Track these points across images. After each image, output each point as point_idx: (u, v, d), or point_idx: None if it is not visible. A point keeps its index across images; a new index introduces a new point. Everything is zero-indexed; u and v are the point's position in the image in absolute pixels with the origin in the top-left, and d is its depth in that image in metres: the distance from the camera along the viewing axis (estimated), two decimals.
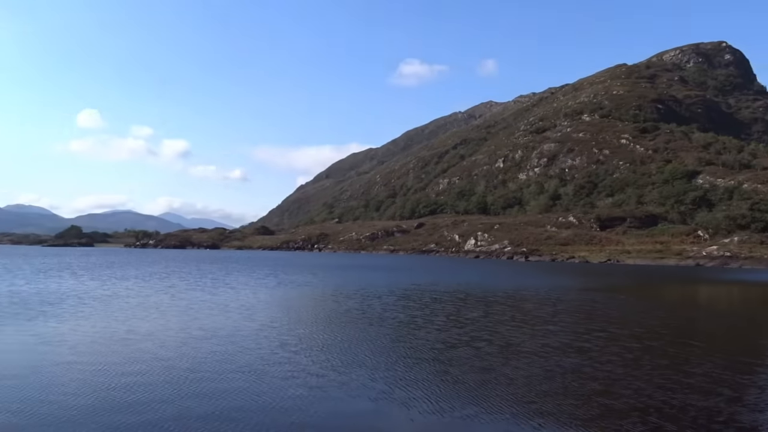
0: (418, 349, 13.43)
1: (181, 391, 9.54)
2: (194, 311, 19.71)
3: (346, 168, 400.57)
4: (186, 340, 14.02)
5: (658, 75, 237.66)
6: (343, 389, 9.81)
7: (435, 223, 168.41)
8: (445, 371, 11.15)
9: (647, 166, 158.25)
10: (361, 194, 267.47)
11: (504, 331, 16.38)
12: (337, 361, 11.96)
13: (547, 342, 14.65)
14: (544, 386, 10.15)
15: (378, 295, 26.66)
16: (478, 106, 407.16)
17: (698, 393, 9.88)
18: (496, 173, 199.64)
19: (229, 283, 32.88)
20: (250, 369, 11.07)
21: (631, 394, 9.68)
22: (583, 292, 31.97)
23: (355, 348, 13.38)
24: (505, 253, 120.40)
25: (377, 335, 15.21)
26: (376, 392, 9.62)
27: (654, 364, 12.21)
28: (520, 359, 12.41)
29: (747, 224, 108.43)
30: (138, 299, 23.14)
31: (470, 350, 13.33)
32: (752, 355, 13.81)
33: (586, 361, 12.38)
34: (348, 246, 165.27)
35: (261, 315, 18.97)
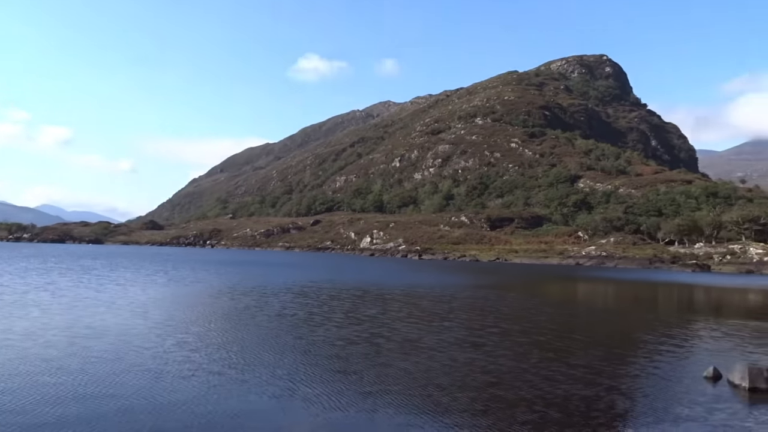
0: (318, 345, 13.47)
1: (70, 392, 9.04)
2: (79, 309, 18.59)
3: (242, 162, 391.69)
4: (73, 340, 13.23)
5: (546, 83, 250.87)
6: (244, 387, 9.69)
7: (331, 221, 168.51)
8: (345, 367, 11.27)
9: (534, 169, 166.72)
10: (256, 190, 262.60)
11: (402, 327, 16.75)
12: (236, 359, 11.77)
13: (444, 337, 15.15)
14: (441, 380, 10.52)
15: (275, 293, 26.39)
16: (376, 105, 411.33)
17: (581, 383, 10.63)
18: (392, 172, 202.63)
19: (116, 280, 31.26)
20: (144, 368, 10.66)
21: (521, 385, 10.25)
22: (475, 289, 33.22)
23: (254, 346, 13.22)
24: (399, 251, 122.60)
25: (276, 333, 15.09)
26: (278, 389, 9.58)
27: (541, 357, 12.98)
28: (419, 354, 12.77)
29: (621, 226, 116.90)
30: (13, 297, 21.50)
31: (370, 346, 13.55)
32: (626, 348, 14.98)
33: (481, 355, 12.94)
34: (242, 242, 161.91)
35: (153, 313, 18.22)
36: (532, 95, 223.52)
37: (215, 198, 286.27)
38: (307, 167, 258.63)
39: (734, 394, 10.27)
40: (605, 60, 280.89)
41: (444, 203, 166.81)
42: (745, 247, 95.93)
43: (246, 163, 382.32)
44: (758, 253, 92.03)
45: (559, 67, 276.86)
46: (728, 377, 11.10)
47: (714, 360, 12.80)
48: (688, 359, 13.29)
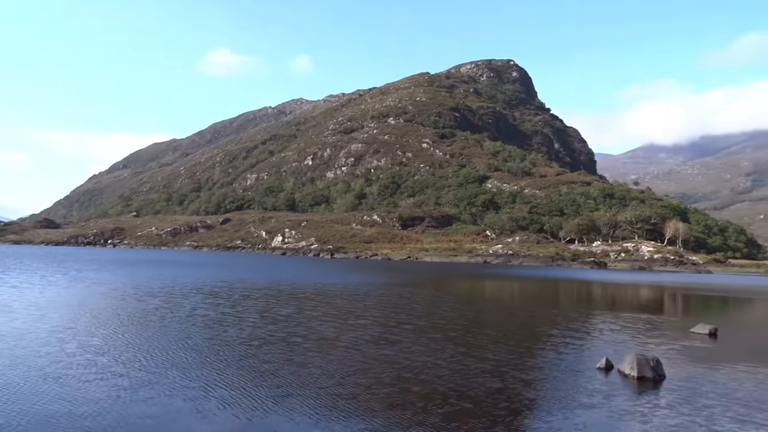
0: (232, 346, 13.22)
1: None
2: None
3: (147, 158, 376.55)
4: None
5: (456, 85, 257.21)
6: (156, 390, 9.36)
7: (242, 219, 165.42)
8: (262, 367, 11.14)
9: (445, 169, 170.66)
10: (162, 187, 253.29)
11: (318, 326, 16.71)
12: (146, 361, 11.35)
13: (360, 335, 15.26)
14: (359, 377, 10.61)
15: (185, 293, 25.63)
16: (288, 102, 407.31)
17: (491, 375, 11.06)
18: (305, 171, 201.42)
19: (8, 281, 29.32)
20: (45, 373, 10.08)
21: (436, 380, 10.53)
22: (388, 287, 33.62)
23: (165, 348, 12.79)
24: (311, 250, 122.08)
25: (188, 334, 14.67)
26: (192, 392, 9.32)
27: (454, 351, 13.36)
28: (336, 352, 12.81)
29: (527, 225, 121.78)
30: None
31: (286, 346, 13.45)
32: (530, 341, 15.67)
33: (396, 351, 13.15)
34: (147, 242, 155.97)
35: (54, 316, 17.22)
36: (443, 97, 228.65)
37: (118, 195, 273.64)
38: (217, 164, 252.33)
39: (624, 382, 10.93)
40: (512, 65, 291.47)
41: (356, 202, 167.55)
42: (638, 246, 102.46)
43: (151, 159, 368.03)
44: (649, 251, 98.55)
45: (469, 71, 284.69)
46: (619, 367, 11.82)
47: (607, 351, 13.65)
48: (584, 351, 14.05)
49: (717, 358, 14.02)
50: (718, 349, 15.35)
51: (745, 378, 11.83)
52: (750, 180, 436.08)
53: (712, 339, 16.95)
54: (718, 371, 12.39)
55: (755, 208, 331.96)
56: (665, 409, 9.35)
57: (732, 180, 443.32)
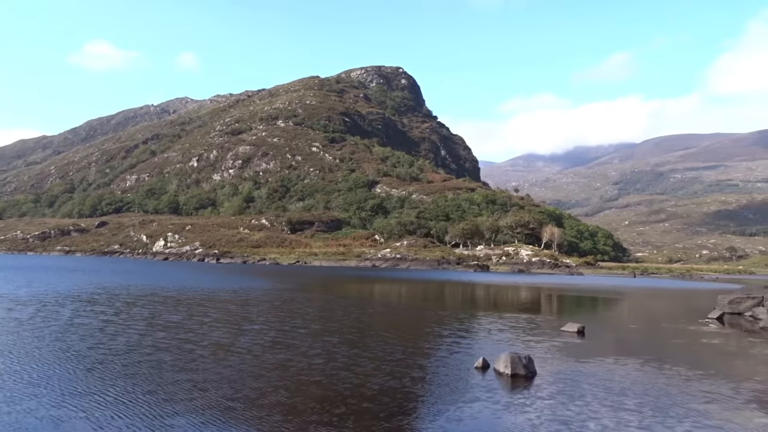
0: (120, 355, 12.58)
1: None
2: None
3: (12, 156, 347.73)
4: None
5: (346, 90, 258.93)
6: (38, 402, 8.73)
7: (120, 223, 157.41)
8: (154, 376, 10.70)
9: (335, 174, 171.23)
10: (30, 187, 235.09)
11: (211, 332, 16.30)
12: (25, 374, 10.55)
13: (256, 340, 15.06)
14: (258, 382, 10.48)
15: (60, 301, 23.99)
16: (172, 101, 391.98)
17: (390, 375, 11.35)
18: (189, 172, 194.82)
19: None
20: None
21: (337, 383, 10.63)
22: (280, 292, 33.31)
23: (44, 359, 11.95)
24: (196, 254, 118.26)
25: (69, 344, 13.78)
26: (79, 403, 8.82)
27: (352, 354, 13.55)
28: (232, 359, 12.55)
29: (414, 230, 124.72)
30: None
31: (179, 353, 13.01)
32: (417, 342, 16.17)
33: (295, 356, 13.11)
34: (11, 246, 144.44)
35: None
36: (333, 101, 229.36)
37: None
38: (93, 164, 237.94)
39: (498, 380, 11.50)
40: (401, 72, 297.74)
41: (244, 205, 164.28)
42: (517, 249, 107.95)
43: (17, 157, 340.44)
44: (528, 254, 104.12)
45: (359, 76, 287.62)
46: (494, 366, 12.42)
47: (485, 351, 14.35)
48: (464, 351, 14.64)
49: (584, 353, 15.01)
50: (585, 346, 16.56)
51: (610, 369, 12.95)
52: (617, 188, 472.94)
53: (580, 336, 18.26)
54: (585, 365, 13.30)
55: (621, 214, 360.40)
56: (535, 402, 9.94)
57: (601, 188, 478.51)
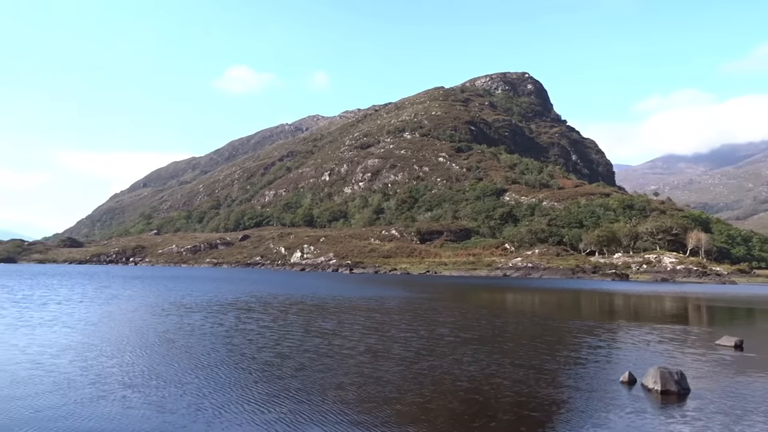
0: (286, 358, 13.77)
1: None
2: (40, 328, 17.95)
3: (167, 176, 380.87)
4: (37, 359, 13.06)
5: (471, 99, 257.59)
6: (226, 399, 9.94)
7: (260, 236, 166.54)
8: (322, 380, 11.61)
9: (462, 183, 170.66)
10: (182, 204, 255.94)
11: (364, 339, 17.21)
12: (211, 377, 11.95)
13: (407, 347, 15.76)
14: (417, 387, 11.05)
15: (221, 308, 26.15)
16: (305, 118, 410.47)
17: (534, 384, 11.52)
18: (322, 186, 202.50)
19: (54, 298, 30.11)
20: (116, 392, 10.76)
21: (488, 389, 10.99)
22: (419, 301, 33.85)
23: (225, 363, 13.42)
24: (330, 265, 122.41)
25: (239, 348, 15.32)
26: (258, 406, 9.86)
27: (496, 361, 13.83)
28: (389, 365, 13.21)
29: (546, 238, 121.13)
30: None
31: (340, 357, 13.98)
32: (564, 350, 15.83)
33: (446, 362, 13.64)
34: (168, 259, 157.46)
35: (104, 331, 17.99)
36: (459, 111, 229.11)
37: (139, 213, 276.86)
38: (235, 181, 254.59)
39: (647, 397, 10.78)
40: (527, 77, 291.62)
41: (374, 217, 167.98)
42: (659, 257, 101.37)
43: (171, 178, 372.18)
44: (672, 262, 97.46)
45: (484, 84, 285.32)
46: (642, 381, 11.68)
47: (630, 364, 13.68)
48: (607, 364, 14.11)
49: (744, 369, 13.79)
50: (745, 361, 15.08)
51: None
52: None
53: (738, 351, 16.68)
54: (746, 383, 12.21)
55: None
56: (690, 423, 9.23)
57: (754, 189, 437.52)
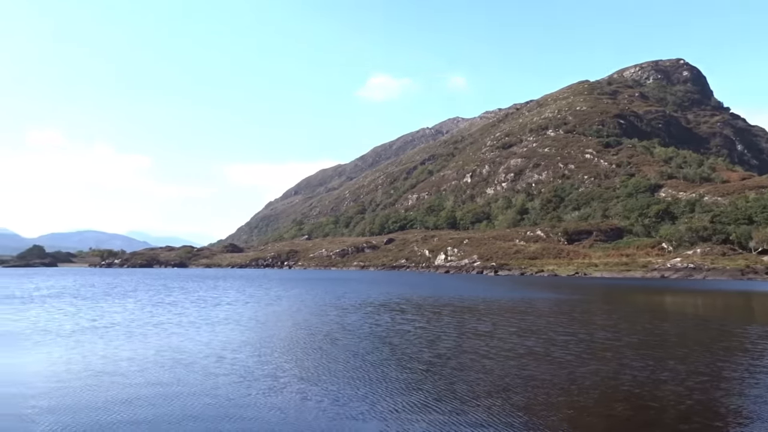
0: (446, 359, 14.25)
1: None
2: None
3: (316, 184, 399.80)
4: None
5: (620, 91, 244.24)
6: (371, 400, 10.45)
7: (405, 239, 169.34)
8: (484, 379, 11.95)
9: (611, 179, 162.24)
10: (330, 210, 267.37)
11: (523, 341, 17.31)
12: (366, 375, 12.58)
13: (567, 350, 15.65)
14: (582, 390, 11.05)
15: (375, 309, 27.30)
16: (445, 121, 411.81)
17: (733, 395, 10.82)
18: (464, 188, 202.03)
19: (222, 299, 33.08)
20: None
21: (661, 396, 10.70)
22: (572, 303, 32.97)
23: (380, 361, 14.11)
24: (474, 267, 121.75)
25: (399, 348, 16.06)
26: (423, 403, 10.34)
27: (664, 366, 13.34)
28: (552, 368, 13.24)
29: (709, 236, 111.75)
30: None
31: (499, 359, 14.22)
32: (737, 357, 14.67)
33: (612, 366, 13.45)
34: (318, 263, 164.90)
35: (274, 328, 19.57)
36: (606, 104, 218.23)
37: (291, 220, 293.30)
38: (379, 186, 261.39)
39: None
40: (682, 64, 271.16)
41: (518, 218, 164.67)
42: None
43: (319, 185, 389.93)
44: None
45: (633, 74, 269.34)
46: None
47: None
48: None
49: None
50: None
51: None
52: None
53: None
54: None
55: None
56: None
57: None
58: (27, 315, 24.94)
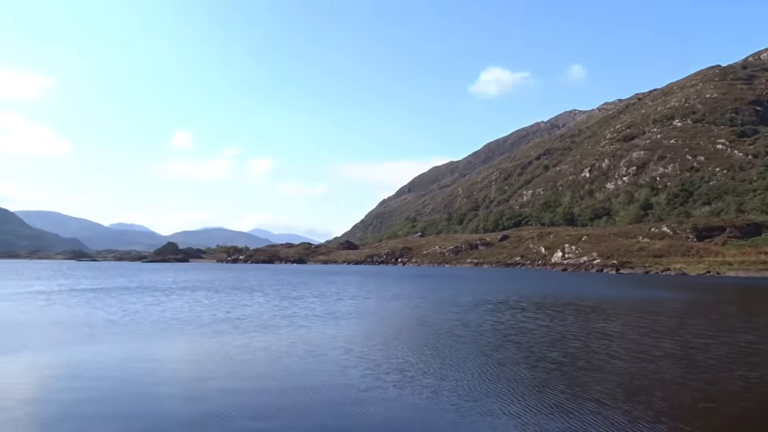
0: (575, 359, 14.02)
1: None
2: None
3: (428, 181, 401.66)
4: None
5: (756, 75, 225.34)
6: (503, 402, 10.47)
7: (519, 236, 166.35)
8: (617, 381, 11.69)
9: (747, 172, 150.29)
10: (443, 207, 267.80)
11: (658, 343, 16.64)
12: (497, 374, 12.76)
13: (709, 354, 14.86)
14: (735, 398, 10.58)
15: (495, 307, 27.18)
16: (561, 115, 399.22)
17: None
18: (582, 183, 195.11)
19: (347, 295, 34.52)
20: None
21: None
22: (707, 304, 31.29)
23: (509, 360, 14.17)
24: (594, 265, 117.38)
25: (526, 347, 15.98)
26: (559, 403, 10.28)
27: None
28: (698, 372, 12.66)
29: None
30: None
31: (632, 361, 13.77)
32: None
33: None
34: (432, 259, 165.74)
35: (396, 323, 20.24)
36: (740, 90, 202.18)
37: (404, 217, 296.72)
38: (493, 183, 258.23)
39: None
40: None
41: (641, 214, 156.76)
42: None
43: (432, 182, 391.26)
44: None
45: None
46: None
47: None
48: None
49: None
50: None
51: None
52: None
53: None
54: None
55: None
56: None
57: None
58: (170, 306, 27.38)
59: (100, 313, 23.96)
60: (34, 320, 21.19)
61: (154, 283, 50.15)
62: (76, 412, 9.40)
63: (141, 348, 15.62)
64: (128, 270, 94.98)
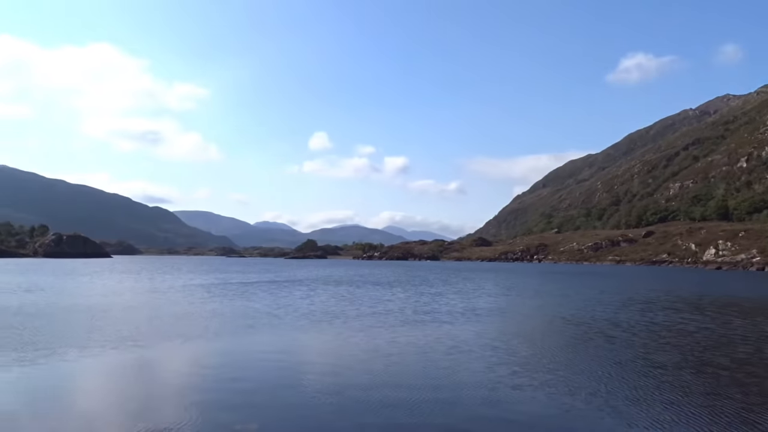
0: (745, 363, 13.09)
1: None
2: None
3: (564, 176, 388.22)
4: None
5: None
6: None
7: (666, 232, 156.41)
8: None
9: None
10: (580, 203, 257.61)
11: None
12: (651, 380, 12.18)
13: None
14: None
15: (643, 306, 25.86)
16: (712, 101, 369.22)
17: None
18: (738, 174, 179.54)
19: (487, 292, 34.49)
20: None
21: None
22: None
23: (682, 367, 13.46)
24: (753, 263, 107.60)
25: (687, 350, 15.07)
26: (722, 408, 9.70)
27: None
28: None
29: None
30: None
31: None
32: None
33: None
34: (569, 257, 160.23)
35: (540, 321, 19.98)
36: None
37: (539, 213, 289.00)
38: (635, 176, 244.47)
39: None
40: None
41: None
42: None
43: (568, 177, 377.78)
44: None
45: None
46: None
47: None
48: None
49: None
50: None
51: None
52: None
53: None
54: None
55: None
56: None
57: None
58: (317, 300, 28.92)
59: (256, 305, 25.76)
60: (198, 312, 23.14)
61: (300, 277, 52.99)
62: (253, 400, 10.17)
63: (299, 338, 16.71)
64: (273, 265, 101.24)
